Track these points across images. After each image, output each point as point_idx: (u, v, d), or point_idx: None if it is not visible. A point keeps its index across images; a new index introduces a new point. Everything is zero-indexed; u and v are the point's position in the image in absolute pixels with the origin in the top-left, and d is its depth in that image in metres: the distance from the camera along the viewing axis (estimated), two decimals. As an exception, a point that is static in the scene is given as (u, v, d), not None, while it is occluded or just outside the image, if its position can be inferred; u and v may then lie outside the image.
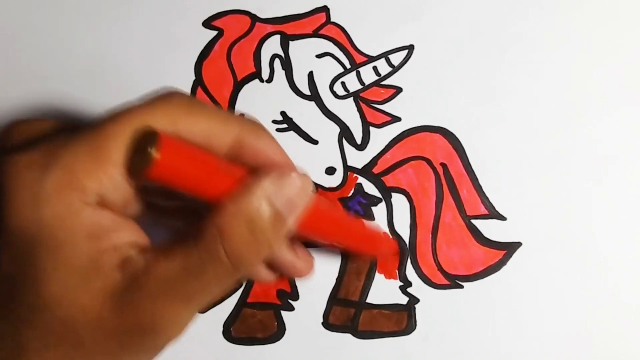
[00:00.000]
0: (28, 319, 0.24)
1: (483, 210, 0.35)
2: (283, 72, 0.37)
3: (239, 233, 0.24)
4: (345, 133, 0.36)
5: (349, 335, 0.35)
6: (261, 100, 0.37)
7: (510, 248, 0.35)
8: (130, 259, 0.24)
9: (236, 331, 0.36)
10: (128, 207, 0.25)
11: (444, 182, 0.36)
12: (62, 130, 0.25)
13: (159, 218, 0.29)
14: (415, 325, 0.35)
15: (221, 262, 0.24)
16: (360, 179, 0.36)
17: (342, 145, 0.36)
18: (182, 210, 0.29)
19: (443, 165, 0.36)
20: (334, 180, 0.36)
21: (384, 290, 0.35)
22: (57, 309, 0.23)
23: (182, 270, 0.24)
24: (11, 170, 0.23)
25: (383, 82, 0.37)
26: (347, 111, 0.37)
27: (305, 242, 0.32)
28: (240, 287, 0.36)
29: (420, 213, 0.36)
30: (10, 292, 0.24)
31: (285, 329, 0.35)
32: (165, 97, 0.25)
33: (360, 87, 0.37)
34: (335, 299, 0.35)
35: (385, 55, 0.37)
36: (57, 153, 0.23)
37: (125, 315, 0.24)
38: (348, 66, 0.37)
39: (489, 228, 0.35)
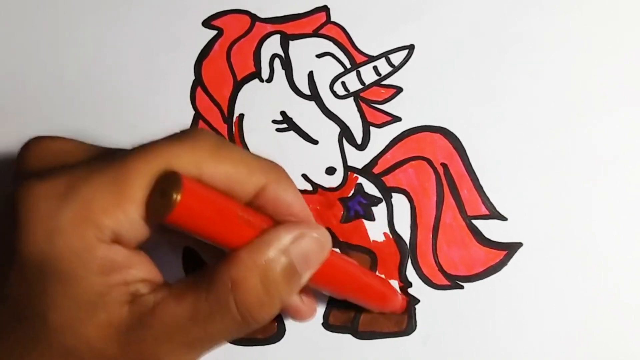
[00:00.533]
0: (33, 344, 0.24)
1: (484, 211, 0.35)
2: (283, 71, 0.37)
3: (252, 286, 0.24)
4: (345, 133, 0.36)
5: (349, 336, 0.35)
6: (261, 100, 0.37)
7: (511, 248, 0.35)
8: (139, 296, 0.24)
9: (236, 332, 0.35)
10: (143, 242, 0.25)
11: (444, 182, 0.36)
12: (83, 159, 0.25)
13: (169, 240, 0.30)
14: (416, 326, 0.35)
15: (230, 314, 0.24)
16: (361, 179, 0.36)
17: (342, 145, 0.36)
18: (198, 245, 0.29)
19: (443, 165, 0.36)
20: (334, 180, 0.36)
21: (384, 291, 0.35)
22: (62, 338, 0.23)
23: (190, 316, 0.24)
24: (29, 199, 0.23)
25: (383, 82, 0.37)
26: (348, 111, 0.36)
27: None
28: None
29: (420, 213, 0.36)
30: (17, 314, 0.24)
31: (285, 330, 0.35)
32: (193, 137, 0.25)
33: (360, 87, 0.37)
34: (335, 299, 0.35)
35: (385, 55, 0.37)
36: (77, 186, 0.23)
37: (129, 353, 0.24)
38: (348, 66, 0.37)
39: (489, 228, 0.35)
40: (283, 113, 0.37)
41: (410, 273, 0.35)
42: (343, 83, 0.37)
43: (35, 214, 0.23)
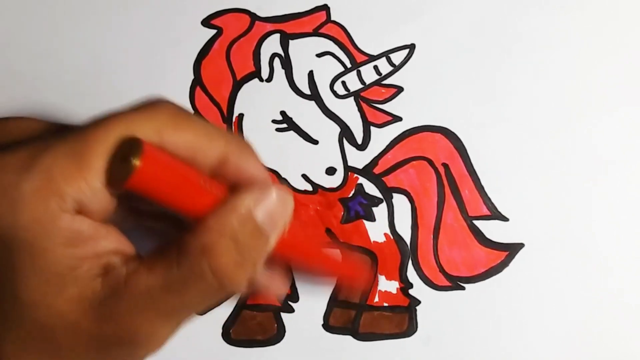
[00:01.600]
0: (6, 322, 0.24)
1: (485, 211, 0.35)
2: (283, 71, 0.37)
3: (225, 250, 0.23)
4: (345, 133, 0.36)
5: (349, 338, 0.35)
6: (261, 100, 0.37)
7: (512, 249, 0.35)
8: (112, 268, 0.24)
9: (236, 333, 0.35)
10: (109, 214, 0.25)
11: (445, 182, 0.36)
12: (46, 133, 0.25)
13: (141, 221, 0.29)
14: (417, 327, 0.35)
15: (206, 281, 0.23)
16: (361, 179, 0.36)
17: (343, 145, 0.36)
18: (165, 215, 0.29)
19: (444, 165, 0.36)
20: (335, 181, 0.36)
21: (385, 292, 0.35)
22: (35, 314, 0.23)
23: (163, 286, 0.23)
24: None
25: (384, 82, 0.36)
26: (348, 111, 0.36)
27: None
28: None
29: (421, 214, 0.35)
30: None
31: (285, 331, 0.35)
32: (153, 106, 0.24)
33: (360, 86, 0.36)
34: (335, 300, 0.35)
35: (386, 54, 0.37)
36: (38, 157, 0.23)
37: (104, 325, 0.23)
38: (348, 65, 0.37)
39: (491, 229, 0.35)
40: (283, 113, 0.36)
41: (411, 274, 0.35)
42: (343, 82, 0.36)
43: None
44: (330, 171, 0.36)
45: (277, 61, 0.37)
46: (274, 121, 0.36)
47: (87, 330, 0.23)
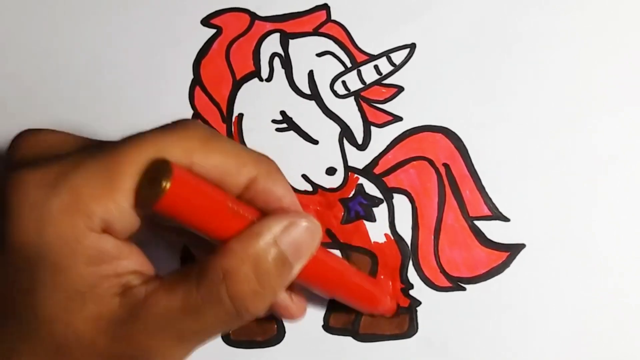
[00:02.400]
0: (23, 337, 0.24)
1: (486, 211, 0.35)
2: (283, 70, 0.37)
3: (244, 276, 0.23)
4: (346, 133, 0.36)
5: (349, 339, 0.35)
6: (260, 100, 0.36)
7: (513, 249, 0.35)
8: (131, 288, 0.24)
9: (235, 334, 0.35)
10: (133, 233, 0.25)
11: (446, 182, 0.35)
12: (74, 151, 0.25)
13: (163, 234, 0.29)
14: (417, 328, 0.35)
15: (223, 306, 0.23)
16: (361, 180, 0.36)
17: (343, 145, 0.36)
18: (187, 232, 0.29)
19: (445, 165, 0.35)
20: (335, 181, 0.36)
21: (385, 293, 0.35)
22: (52, 330, 0.23)
23: (181, 308, 0.23)
24: (19, 188, 0.23)
25: (384, 81, 0.36)
26: (348, 111, 0.36)
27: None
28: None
29: (422, 214, 0.35)
30: (6, 307, 0.24)
31: (284, 332, 0.35)
32: (184, 128, 0.25)
33: (361, 86, 0.36)
34: (335, 301, 0.35)
35: (386, 53, 0.36)
36: (67, 175, 0.23)
37: (119, 345, 0.23)
38: (349, 65, 0.36)
39: (492, 229, 0.35)
40: (283, 113, 0.36)
41: (412, 275, 0.35)
42: (343, 82, 0.36)
43: (25, 203, 0.23)
44: (331, 171, 0.36)
45: (277, 61, 0.37)
46: (273, 121, 0.36)
47: (102, 349, 0.23)
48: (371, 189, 0.36)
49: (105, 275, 0.23)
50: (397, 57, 0.36)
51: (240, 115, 0.36)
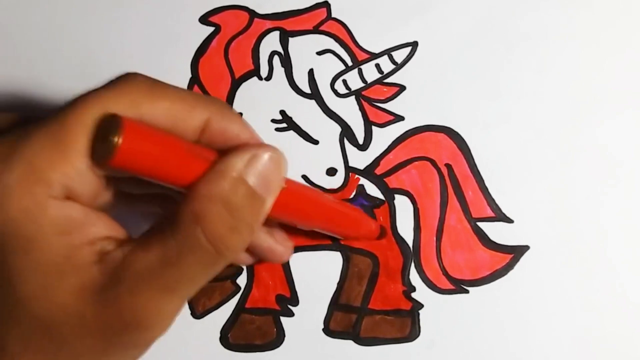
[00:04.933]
0: (5, 319, 0.23)
1: (489, 213, 0.35)
2: (282, 69, 0.36)
3: (217, 215, 0.23)
4: (346, 133, 0.36)
5: (350, 342, 0.35)
6: (260, 99, 0.36)
7: (517, 251, 0.34)
8: (107, 254, 0.23)
9: (234, 337, 0.35)
10: (98, 198, 0.24)
11: (448, 183, 0.35)
12: (13, 127, 0.24)
13: (133, 206, 0.29)
14: (419, 331, 0.34)
15: (203, 249, 0.23)
16: (362, 180, 0.36)
17: (344, 145, 0.36)
18: (156, 197, 0.29)
19: (448, 166, 0.35)
20: (335, 182, 0.36)
21: (386, 295, 0.35)
22: (36, 309, 0.23)
23: (161, 260, 0.23)
24: None
25: (386, 80, 0.36)
26: (349, 110, 0.36)
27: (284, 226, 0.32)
28: (240, 273, 0.35)
29: (424, 215, 0.35)
30: None
31: (284, 336, 0.35)
32: (127, 81, 0.24)
33: (362, 85, 0.36)
34: (336, 304, 0.35)
35: (388, 52, 0.36)
36: (17, 147, 0.22)
37: (107, 312, 0.23)
38: (349, 63, 0.36)
39: (495, 231, 0.35)
40: (282, 112, 0.36)
41: (414, 277, 0.35)
42: (344, 81, 0.36)
43: None
44: (331, 172, 0.36)
45: (276, 59, 0.36)
46: (273, 120, 0.36)
47: (91, 319, 0.23)
48: (372, 190, 0.35)
49: (78, 244, 0.23)
50: (399, 56, 0.36)
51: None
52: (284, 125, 0.36)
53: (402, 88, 0.36)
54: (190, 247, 0.23)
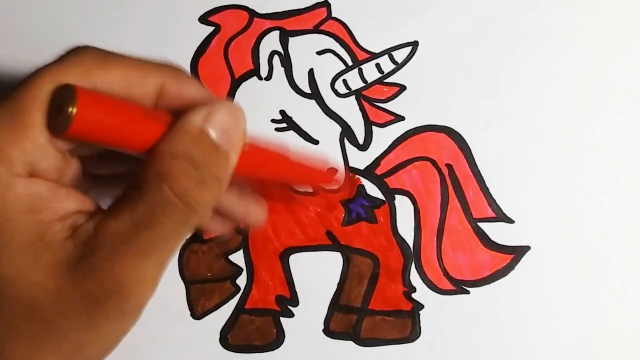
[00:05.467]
0: None
1: (490, 213, 0.35)
2: (282, 69, 0.36)
3: (182, 170, 0.23)
4: (347, 133, 0.36)
5: (350, 343, 0.34)
6: (260, 99, 0.36)
7: (518, 252, 0.34)
8: (79, 227, 0.23)
9: (233, 338, 0.35)
10: (64, 175, 0.24)
11: (449, 183, 0.35)
12: None
13: (103, 187, 0.29)
14: (420, 332, 0.34)
15: (172, 206, 0.23)
16: (363, 181, 0.35)
17: (344, 146, 0.36)
18: (124, 176, 0.29)
19: (448, 166, 0.35)
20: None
21: (387, 296, 0.35)
22: (14, 291, 0.23)
23: (132, 224, 0.23)
24: None
25: (386, 80, 0.36)
26: (349, 110, 0.36)
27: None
28: (240, 273, 0.35)
29: (424, 215, 0.35)
30: None
31: (284, 336, 0.35)
32: (78, 52, 0.24)
33: (362, 85, 0.36)
34: (336, 305, 0.35)
35: (388, 52, 0.36)
36: None
37: (86, 284, 0.23)
38: (350, 63, 0.36)
39: (496, 231, 0.35)
40: (282, 112, 0.36)
41: (414, 277, 0.35)
42: (344, 81, 0.36)
43: None
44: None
45: (276, 59, 0.36)
46: (273, 120, 0.36)
47: (71, 293, 0.23)
48: (373, 190, 0.35)
49: (49, 221, 0.23)
50: (399, 55, 0.36)
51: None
52: (284, 125, 0.36)
53: (402, 88, 0.36)
54: (160, 206, 0.23)
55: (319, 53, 0.36)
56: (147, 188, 0.23)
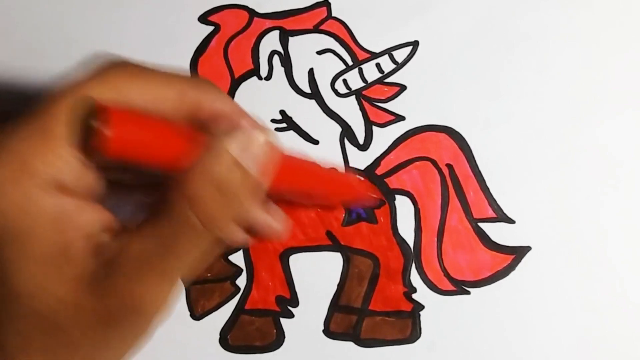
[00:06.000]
0: (2, 316, 0.23)
1: (490, 213, 0.35)
2: (282, 69, 0.36)
3: (208, 195, 0.23)
4: (347, 133, 0.36)
5: (350, 344, 0.34)
6: (259, 99, 0.36)
7: (519, 252, 0.34)
8: (103, 245, 0.23)
9: (233, 339, 0.35)
10: (89, 188, 0.24)
11: (449, 183, 0.35)
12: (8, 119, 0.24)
13: (126, 196, 0.29)
14: (420, 333, 0.34)
15: (196, 231, 0.23)
16: (363, 181, 0.35)
17: (344, 146, 0.36)
18: (149, 185, 0.28)
19: (449, 166, 0.35)
20: (336, 182, 0.35)
21: (387, 297, 0.35)
22: (34, 304, 0.23)
23: (157, 247, 0.23)
24: None
25: (386, 80, 0.36)
26: (349, 110, 0.36)
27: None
28: (240, 274, 0.35)
29: (425, 216, 0.35)
30: None
31: (284, 337, 0.35)
32: (111, 64, 0.24)
33: (362, 84, 0.36)
34: (336, 305, 0.35)
35: (388, 51, 0.36)
36: (4, 141, 0.22)
37: (104, 300, 0.23)
38: (350, 63, 0.36)
39: (496, 231, 0.34)
40: (282, 112, 0.36)
41: (415, 278, 0.34)
42: (345, 81, 0.36)
43: None
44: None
45: (276, 59, 0.36)
46: (273, 120, 0.36)
47: (89, 308, 0.23)
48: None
49: (74, 238, 0.23)
50: (400, 55, 0.36)
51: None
52: (284, 125, 0.36)
53: (402, 88, 0.36)
54: (185, 231, 0.23)
55: (319, 53, 0.36)
56: (174, 212, 0.23)
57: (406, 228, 0.35)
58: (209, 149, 0.23)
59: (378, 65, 0.36)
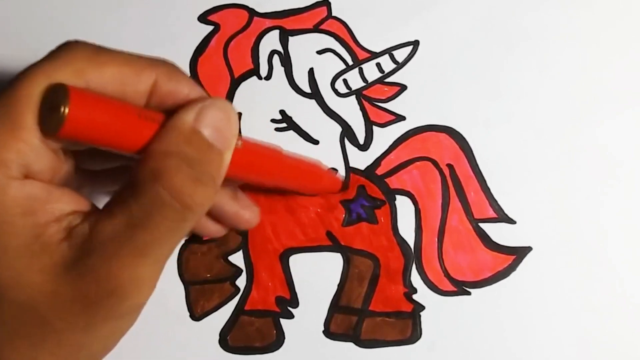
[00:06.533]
0: None
1: (491, 214, 0.35)
2: (282, 68, 0.36)
3: (176, 168, 0.23)
4: (347, 133, 0.36)
5: (351, 344, 0.34)
6: (259, 98, 0.36)
7: (519, 253, 0.34)
8: (74, 228, 0.23)
9: (233, 340, 0.35)
10: (58, 175, 0.24)
11: (450, 184, 0.35)
12: None
13: (97, 183, 0.29)
14: (421, 333, 0.34)
15: (167, 205, 0.23)
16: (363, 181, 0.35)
17: (344, 146, 0.35)
18: (118, 171, 0.29)
19: (449, 166, 0.35)
20: (336, 182, 0.35)
21: (387, 297, 0.34)
22: (13, 293, 0.23)
23: (127, 225, 0.23)
24: None
25: (387, 80, 0.36)
26: (349, 110, 0.36)
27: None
28: (239, 274, 0.35)
29: (425, 216, 0.35)
30: None
31: (284, 338, 0.34)
32: (69, 49, 0.24)
33: (363, 84, 0.36)
34: (336, 306, 0.35)
35: (389, 51, 0.36)
36: None
37: (82, 285, 0.23)
38: (350, 63, 0.36)
39: (497, 232, 0.34)
40: (282, 112, 0.36)
41: (415, 278, 0.34)
42: (345, 80, 0.36)
43: None
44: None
45: (276, 58, 0.36)
46: (273, 120, 0.36)
47: (68, 295, 0.23)
48: (373, 190, 0.35)
49: (44, 223, 0.23)
50: (400, 55, 0.36)
51: (239, 115, 0.36)
52: (284, 125, 0.36)
53: (403, 87, 0.36)
54: (155, 206, 0.23)
55: (319, 52, 0.36)
56: (141, 188, 0.23)
57: (406, 228, 0.35)
58: (167, 123, 0.24)
59: (378, 65, 0.36)
